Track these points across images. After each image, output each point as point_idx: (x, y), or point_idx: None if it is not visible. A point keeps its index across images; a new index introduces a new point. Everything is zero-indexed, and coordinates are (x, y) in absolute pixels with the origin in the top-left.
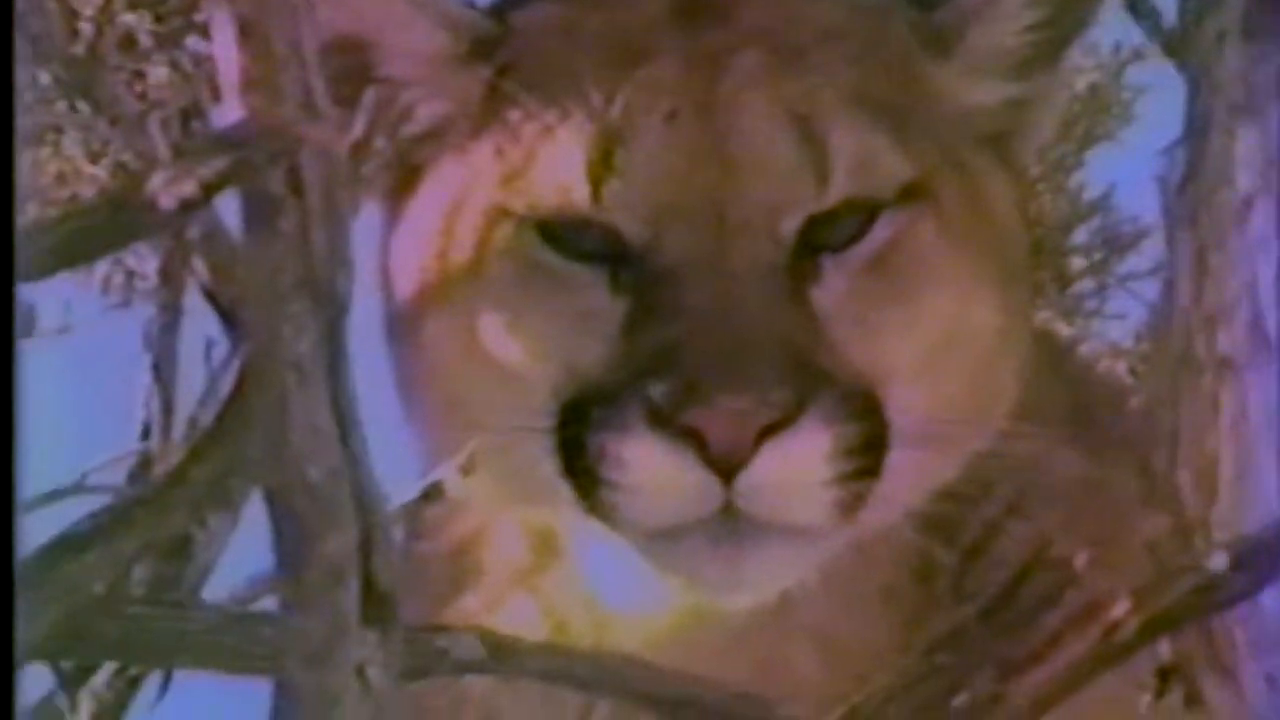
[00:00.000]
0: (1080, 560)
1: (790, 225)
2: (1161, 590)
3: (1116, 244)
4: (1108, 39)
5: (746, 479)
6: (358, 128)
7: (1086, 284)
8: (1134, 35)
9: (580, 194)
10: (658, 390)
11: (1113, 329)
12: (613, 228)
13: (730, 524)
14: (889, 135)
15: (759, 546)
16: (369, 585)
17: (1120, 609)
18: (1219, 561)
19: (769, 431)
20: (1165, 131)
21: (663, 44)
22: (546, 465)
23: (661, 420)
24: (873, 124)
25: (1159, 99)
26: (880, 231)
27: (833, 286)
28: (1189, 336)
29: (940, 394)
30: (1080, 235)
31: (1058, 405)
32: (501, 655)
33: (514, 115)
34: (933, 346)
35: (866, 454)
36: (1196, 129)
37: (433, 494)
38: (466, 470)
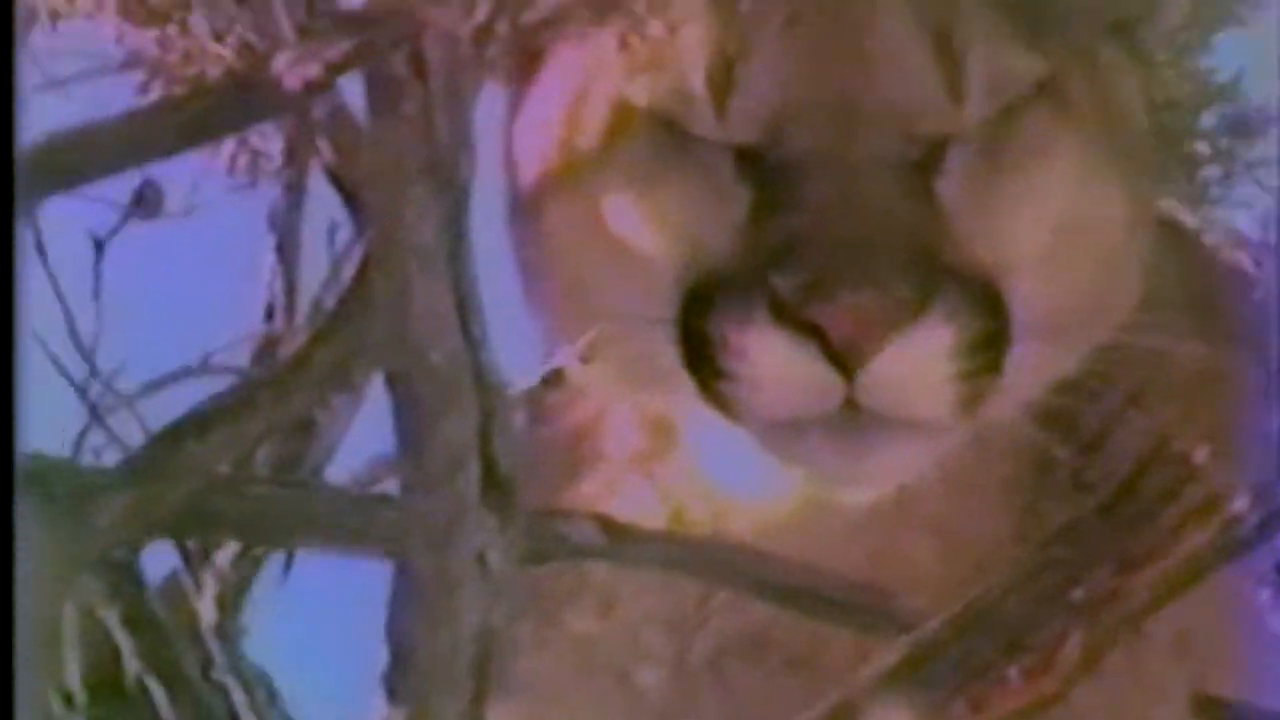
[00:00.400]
0: (1200, 454)
1: (924, 130)
2: None
3: (1244, 130)
4: None
5: (868, 375)
6: (481, 11)
7: (1212, 171)
8: None
9: (704, 112)
10: (781, 284)
11: (1238, 217)
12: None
13: (851, 418)
14: (1024, 34)
15: (880, 441)
16: (489, 469)
17: (1240, 503)
18: None
19: (892, 328)
20: None
21: None
22: (667, 354)
23: (785, 314)
24: (1009, 30)
25: None
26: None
27: (957, 177)
28: None
29: (1064, 286)
30: (1206, 120)
31: (1180, 295)
32: (620, 541)
33: (638, 4)
34: (1057, 237)
35: (989, 349)
36: None
37: (553, 380)
38: (587, 357)
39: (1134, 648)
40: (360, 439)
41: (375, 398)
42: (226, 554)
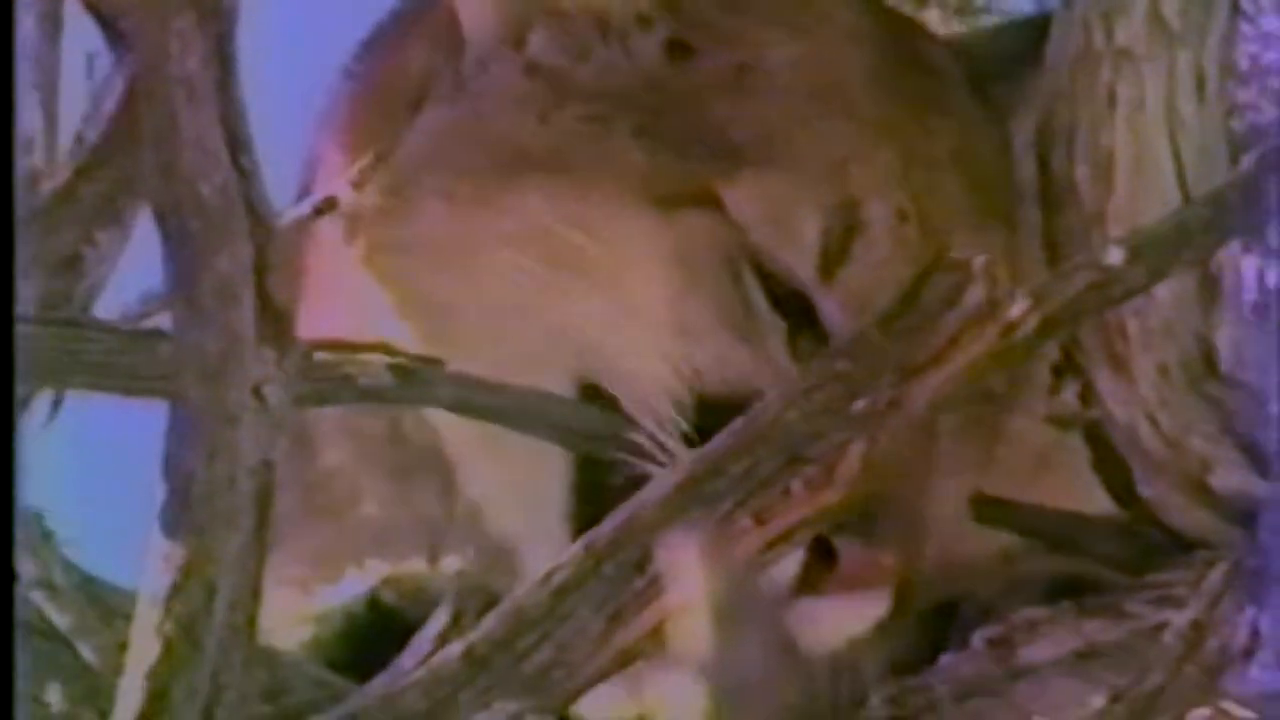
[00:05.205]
0: (979, 261)
1: None
2: (1059, 287)
3: None
4: None
5: None
6: None
7: None
8: None
9: (808, 268)
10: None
11: None
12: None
13: None
14: None
15: None
16: (264, 303)
17: (1019, 308)
18: (1115, 256)
19: None
20: None
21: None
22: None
23: None
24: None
25: None
26: None
27: None
28: (1087, 29)
29: None
30: None
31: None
32: (409, 384)
33: None
34: None
35: None
36: None
37: (325, 208)
38: (359, 183)
39: None
40: (129, 275)
41: (144, 232)
42: None
